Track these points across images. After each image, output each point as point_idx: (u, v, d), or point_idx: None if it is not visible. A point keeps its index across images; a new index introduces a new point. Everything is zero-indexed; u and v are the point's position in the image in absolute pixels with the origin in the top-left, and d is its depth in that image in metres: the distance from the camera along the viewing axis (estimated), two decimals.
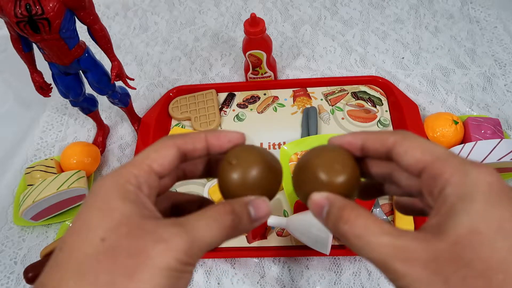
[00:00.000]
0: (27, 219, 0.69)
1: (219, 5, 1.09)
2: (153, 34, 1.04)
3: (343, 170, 0.28)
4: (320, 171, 0.28)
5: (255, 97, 0.87)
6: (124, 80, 0.69)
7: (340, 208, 0.26)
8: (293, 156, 0.75)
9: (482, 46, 0.91)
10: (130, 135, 0.85)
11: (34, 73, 0.67)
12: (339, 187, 0.28)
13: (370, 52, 0.93)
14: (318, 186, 0.28)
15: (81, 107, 0.75)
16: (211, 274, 0.65)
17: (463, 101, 0.82)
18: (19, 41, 0.62)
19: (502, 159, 0.63)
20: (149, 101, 0.90)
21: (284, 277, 0.64)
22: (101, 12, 1.10)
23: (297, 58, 0.94)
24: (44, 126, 0.89)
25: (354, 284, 0.62)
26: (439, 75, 0.87)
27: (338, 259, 0.65)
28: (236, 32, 1.02)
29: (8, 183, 0.79)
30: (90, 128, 0.87)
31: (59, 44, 0.59)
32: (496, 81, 0.84)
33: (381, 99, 0.83)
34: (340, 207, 0.26)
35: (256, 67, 0.83)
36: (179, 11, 1.09)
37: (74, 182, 0.70)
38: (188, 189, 0.75)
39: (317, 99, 0.85)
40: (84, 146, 0.77)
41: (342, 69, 0.91)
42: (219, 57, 0.97)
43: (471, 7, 0.99)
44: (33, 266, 0.63)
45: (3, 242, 0.73)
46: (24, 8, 0.53)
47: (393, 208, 0.68)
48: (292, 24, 1.02)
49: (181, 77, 0.94)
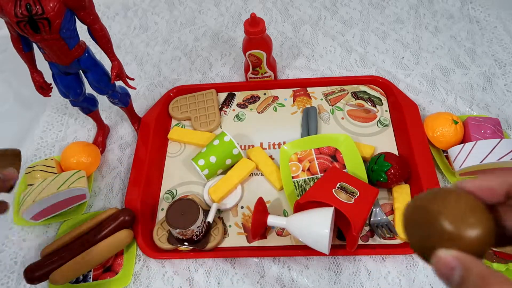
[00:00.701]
0: (27, 219, 0.69)
1: (219, 5, 1.09)
2: (153, 34, 1.04)
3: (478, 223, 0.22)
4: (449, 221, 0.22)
5: (255, 97, 0.87)
6: (124, 80, 0.69)
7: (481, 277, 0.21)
8: (293, 156, 0.75)
9: (482, 46, 0.91)
10: (130, 135, 0.85)
11: (34, 73, 0.67)
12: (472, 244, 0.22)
13: (370, 52, 0.93)
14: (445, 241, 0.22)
15: (81, 107, 0.76)
16: (211, 274, 0.65)
17: (463, 101, 0.82)
18: (20, 41, 0.62)
19: (502, 159, 0.63)
20: (149, 101, 0.90)
21: (284, 277, 0.64)
22: (101, 12, 1.11)
23: (297, 58, 0.94)
24: (44, 126, 0.89)
25: (353, 283, 0.62)
26: (439, 75, 0.87)
27: (338, 259, 0.65)
28: (236, 32, 1.02)
29: None
30: (90, 128, 0.87)
31: (59, 44, 0.59)
32: (496, 81, 0.84)
33: (381, 99, 0.83)
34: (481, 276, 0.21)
35: (256, 67, 0.83)
36: (179, 11, 1.09)
37: (74, 182, 0.70)
38: (188, 189, 0.75)
39: (317, 99, 0.85)
40: (84, 146, 0.77)
41: (342, 69, 0.91)
42: (219, 57, 0.97)
43: (471, 7, 0.99)
44: (33, 265, 0.64)
45: (4, 242, 0.73)
46: (24, 8, 0.53)
47: (393, 208, 0.68)
48: (292, 24, 1.02)
49: (181, 77, 0.94)
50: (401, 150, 0.75)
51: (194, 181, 0.76)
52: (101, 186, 0.78)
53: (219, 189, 0.71)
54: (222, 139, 0.73)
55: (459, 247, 0.22)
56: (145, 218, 0.71)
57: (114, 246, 0.65)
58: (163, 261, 0.67)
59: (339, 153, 0.74)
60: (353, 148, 0.73)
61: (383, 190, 0.70)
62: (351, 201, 0.61)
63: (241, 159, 0.74)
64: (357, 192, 0.63)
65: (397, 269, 0.63)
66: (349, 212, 0.58)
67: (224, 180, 0.72)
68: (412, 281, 0.62)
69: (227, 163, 0.74)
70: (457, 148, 0.68)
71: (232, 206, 0.71)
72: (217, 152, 0.72)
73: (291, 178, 0.73)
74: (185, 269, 0.66)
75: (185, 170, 0.78)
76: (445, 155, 0.73)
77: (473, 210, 0.23)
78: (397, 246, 0.65)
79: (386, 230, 0.66)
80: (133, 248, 0.68)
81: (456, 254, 0.22)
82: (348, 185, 0.64)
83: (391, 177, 0.67)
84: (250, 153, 0.76)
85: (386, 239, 0.65)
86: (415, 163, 0.69)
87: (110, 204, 0.76)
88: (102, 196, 0.77)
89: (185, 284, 0.65)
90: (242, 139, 0.80)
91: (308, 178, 0.72)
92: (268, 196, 0.72)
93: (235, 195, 0.72)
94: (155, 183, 0.76)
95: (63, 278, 0.62)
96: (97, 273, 0.67)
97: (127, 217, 0.67)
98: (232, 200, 0.72)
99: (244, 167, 0.73)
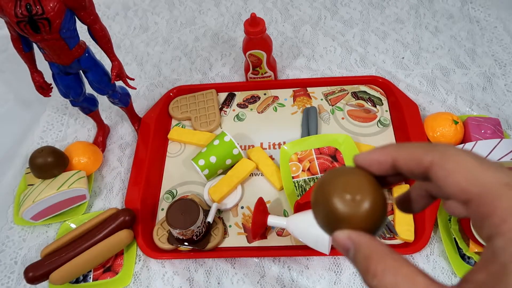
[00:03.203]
0: (27, 219, 0.70)
1: (219, 5, 1.09)
2: (153, 34, 1.04)
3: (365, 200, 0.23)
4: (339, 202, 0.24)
5: (255, 97, 0.87)
6: (124, 80, 0.69)
7: (365, 257, 0.22)
8: (293, 156, 0.75)
9: (482, 46, 0.91)
10: (130, 135, 0.85)
11: (35, 73, 0.67)
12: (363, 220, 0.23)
13: (370, 52, 0.93)
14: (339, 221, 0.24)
15: (81, 107, 0.76)
16: (211, 274, 0.65)
17: (463, 101, 0.82)
18: (20, 41, 0.62)
19: (502, 159, 0.63)
20: (149, 101, 0.90)
21: (284, 277, 0.64)
22: (101, 12, 1.10)
23: (297, 58, 0.94)
24: (44, 126, 0.89)
25: (354, 284, 0.62)
26: (439, 75, 0.87)
27: (338, 259, 0.65)
28: (236, 32, 1.02)
29: (8, 183, 0.79)
30: (90, 128, 0.87)
31: (59, 44, 0.59)
32: (496, 81, 0.84)
33: (381, 99, 0.83)
34: (366, 256, 0.22)
35: (256, 67, 0.83)
36: (179, 11, 1.09)
37: (74, 182, 0.70)
38: (188, 189, 0.75)
39: (317, 99, 0.85)
40: (85, 145, 0.77)
41: (342, 69, 0.91)
42: (219, 57, 0.97)
43: (471, 7, 0.99)
44: (33, 265, 0.64)
45: (4, 242, 0.73)
46: (24, 8, 0.53)
47: (393, 208, 0.68)
48: (292, 24, 1.02)
49: (181, 77, 0.94)
50: None
51: (194, 181, 0.76)
52: (101, 186, 0.78)
53: (219, 189, 0.71)
54: (222, 139, 0.73)
55: (351, 225, 0.23)
56: (145, 218, 0.71)
57: (114, 246, 0.65)
58: (163, 261, 0.67)
59: (339, 153, 0.74)
60: (353, 148, 0.73)
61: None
62: None
63: (241, 159, 0.74)
64: None
65: None
66: None
67: (224, 180, 0.72)
68: None
69: (227, 163, 0.74)
70: None
71: (232, 206, 0.71)
72: (217, 152, 0.72)
73: (291, 178, 0.73)
74: (185, 269, 0.66)
75: (185, 170, 0.78)
76: None
77: (360, 187, 0.24)
78: (397, 246, 0.65)
79: (386, 230, 0.66)
80: (133, 248, 0.68)
81: (348, 234, 0.23)
82: None
83: None
84: (250, 153, 0.76)
85: (386, 239, 0.65)
86: None
87: (110, 204, 0.76)
88: (102, 196, 0.77)
89: (185, 284, 0.65)
90: (242, 139, 0.80)
91: (308, 178, 0.72)
92: (268, 196, 0.72)
93: (235, 195, 0.72)
94: (155, 183, 0.76)
95: (63, 278, 0.62)
96: (97, 273, 0.67)
97: (127, 217, 0.67)
98: (232, 200, 0.72)
99: (244, 167, 0.73)
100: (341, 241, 0.24)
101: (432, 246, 0.64)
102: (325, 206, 0.24)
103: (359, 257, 0.23)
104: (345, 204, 0.23)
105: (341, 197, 0.24)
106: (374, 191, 0.24)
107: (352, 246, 0.23)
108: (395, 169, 0.25)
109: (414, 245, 0.63)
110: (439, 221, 0.65)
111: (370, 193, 0.24)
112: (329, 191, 0.24)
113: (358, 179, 0.24)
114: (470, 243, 0.59)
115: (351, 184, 0.24)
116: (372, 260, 0.22)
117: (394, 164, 0.25)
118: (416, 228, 0.65)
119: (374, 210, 0.24)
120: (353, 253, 0.23)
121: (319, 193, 0.25)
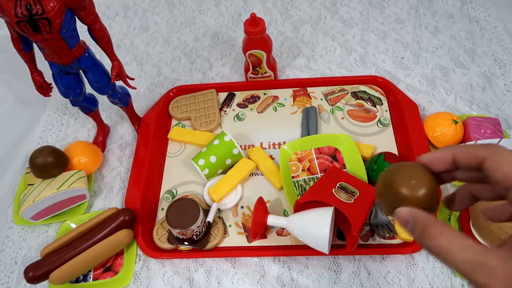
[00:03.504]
0: (27, 218, 0.70)
1: (219, 5, 1.09)
2: (153, 34, 1.04)
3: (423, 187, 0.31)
4: (402, 186, 0.31)
5: (255, 97, 0.87)
6: (124, 80, 0.69)
7: (424, 225, 0.29)
8: (293, 156, 0.75)
9: (482, 46, 0.91)
10: (130, 134, 0.85)
11: (35, 73, 0.67)
12: (420, 201, 0.31)
13: (370, 52, 0.93)
14: (401, 201, 0.31)
15: (81, 107, 0.76)
16: (211, 274, 0.65)
17: (463, 100, 0.82)
18: (20, 41, 0.62)
19: None
20: (149, 101, 0.90)
21: (284, 277, 0.64)
22: (101, 12, 1.11)
23: (297, 58, 0.94)
24: (44, 126, 0.89)
25: (353, 283, 0.63)
26: (439, 75, 0.87)
27: (338, 259, 0.65)
28: (236, 32, 1.02)
29: (8, 183, 0.79)
30: (90, 128, 0.87)
31: (59, 43, 0.59)
32: (495, 81, 0.84)
33: (381, 99, 0.83)
34: (425, 224, 0.29)
35: (256, 67, 0.83)
36: (179, 11, 1.09)
37: (74, 182, 0.70)
38: (188, 188, 0.75)
39: (317, 99, 0.85)
40: (85, 145, 0.77)
41: (342, 69, 0.91)
42: (219, 57, 0.97)
43: (471, 7, 0.99)
44: (33, 265, 0.64)
45: (4, 242, 0.73)
46: (24, 8, 0.53)
47: None
48: (292, 24, 1.02)
49: (181, 77, 0.94)
50: (401, 150, 0.75)
51: (194, 181, 0.76)
52: (101, 186, 0.78)
53: (219, 189, 0.71)
54: (222, 139, 0.73)
55: (411, 205, 0.30)
56: (145, 218, 0.71)
57: (114, 246, 0.65)
58: (163, 261, 0.67)
59: (339, 153, 0.75)
60: (353, 148, 0.73)
61: None
62: (351, 201, 0.61)
63: (241, 159, 0.74)
64: (357, 192, 0.63)
65: (396, 268, 0.63)
66: (349, 212, 0.58)
67: (224, 180, 0.72)
68: (412, 281, 0.62)
69: (227, 163, 0.74)
70: None
71: (232, 206, 0.71)
72: (217, 152, 0.72)
73: (291, 178, 0.73)
74: (185, 269, 0.66)
75: (185, 170, 0.78)
76: None
77: (420, 177, 0.32)
78: (397, 246, 0.65)
79: (386, 230, 0.66)
80: (133, 248, 0.68)
81: (409, 210, 0.30)
82: (348, 185, 0.64)
83: None
84: (250, 153, 0.76)
85: (386, 239, 0.65)
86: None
87: (110, 204, 0.76)
88: (102, 196, 0.77)
89: (185, 284, 0.65)
90: (242, 139, 0.81)
91: (308, 178, 0.72)
92: (268, 196, 0.72)
93: (235, 195, 0.72)
94: (155, 183, 0.76)
95: (63, 277, 0.62)
96: (97, 273, 0.67)
97: (127, 217, 0.67)
98: (232, 200, 0.72)
99: (244, 167, 0.73)
100: (402, 215, 0.31)
101: None
102: (392, 190, 0.32)
103: (417, 226, 0.29)
104: (407, 188, 0.31)
105: (405, 183, 0.31)
106: (430, 181, 0.32)
107: (412, 219, 0.30)
108: (455, 164, 0.32)
109: (414, 245, 0.63)
110: None
111: (427, 182, 0.31)
112: (395, 179, 0.32)
113: (418, 172, 0.32)
114: None
115: (413, 174, 0.32)
116: (429, 227, 0.28)
117: (454, 159, 0.31)
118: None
119: (429, 194, 0.31)
120: (412, 223, 0.30)
121: (386, 180, 0.33)
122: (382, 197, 0.34)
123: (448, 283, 0.61)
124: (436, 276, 0.62)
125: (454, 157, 0.31)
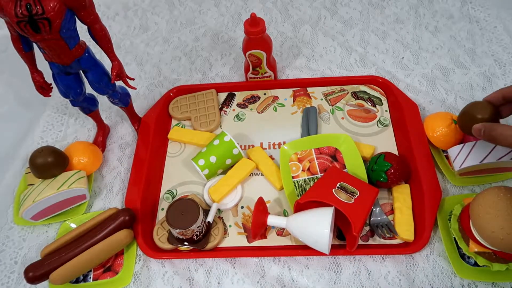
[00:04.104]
0: (27, 218, 0.70)
1: (219, 5, 1.09)
2: (153, 34, 1.04)
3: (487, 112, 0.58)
4: (477, 113, 0.59)
5: (255, 97, 0.87)
6: (124, 80, 0.69)
7: (489, 126, 0.53)
8: (293, 156, 0.75)
9: (482, 46, 0.91)
10: (130, 134, 0.85)
11: (35, 73, 0.67)
12: (486, 120, 0.57)
13: (370, 52, 0.93)
14: (475, 121, 0.58)
15: (81, 107, 0.76)
16: (211, 274, 0.65)
17: (463, 100, 0.82)
18: (20, 41, 0.62)
19: (502, 159, 0.63)
20: (149, 101, 0.90)
21: (284, 277, 0.64)
22: (101, 12, 1.11)
23: (297, 58, 0.94)
24: (44, 126, 0.89)
25: (353, 283, 0.63)
26: (439, 75, 0.87)
27: (338, 259, 0.65)
28: (236, 32, 1.02)
29: (8, 183, 0.79)
30: (90, 128, 0.87)
31: (59, 43, 0.59)
32: (496, 81, 0.84)
33: (381, 99, 0.83)
34: (490, 126, 0.53)
35: (256, 67, 0.83)
36: (179, 11, 1.09)
37: (74, 182, 0.70)
38: (188, 189, 0.75)
39: (317, 99, 0.85)
40: (85, 145, 0.77)
41: (342, 69, 0.91)
42: (219, 57, 0.97)
43: (471, 7, 0.99)
44: (33, 265, 0.64)
45: (4, 242, 0.73)
46: (24, 8, 0.53)
47: (393, 208, 0.68)
48: (292, 24, 1.02)
49: (181, 77, 0.94)
50: (401, 150, 0.75)
51: (194, 181, 0.76)
52: (101, 186, 0.78)
53: (219, 189, 0.71)
54: (222, 139, 0.73)
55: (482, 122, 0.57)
56: (145, 218, 0.71)
57: (114, 246, 0.65)
58: (163, 261, 0.67)
59: (339, 153, 0.75)
60: (353, 148, 0.73)
61: (383, 190, 0.70)
62: (351, 201, 0.61)
63: (241, 159, 0.74)
64: (357, 192, 0.63)
65: (397, 269, 0.63)
66: (349, 212, 0.58)
67: (224, 180, 0.72)
68: (412, 281, 0.62)
69: (227, 163, 0.74)
70: (457, 148, 0.68)
71: (232, 206, 0.71)
72: (217, 152, 0.73)
73: (291, 178, 0.73)
74: (185, 269, 0.66)
75: (185, 170, 0.78)
76: (445, 155, 0.73)
77: (485, 108, 0.59)
78: (397, 246, 0.65)
79: (386, 230, 0.66)
80: (133, 248, 0.68)
81: (482, 123, 0.55)
82: (348, 185, 0.64)
83: (391, 177, 0.67)
84: (250, 153, 0.76)
85: (386, 239, 0.65)
86: (415, 163, 0.69)
87: (110, 204, 0.76)
88: (102, 196, 0.77)
89: (185, 284, 0.65)
90: (242, 139, 0.81)
91: (308, 178, 0.72)
92: (268, 196, 0.72)
93: (235, 195, 0.72)
94: (155, 183, 0.76)
95: (63, 278, 0.62)
96: (97, 273, 0.67)
97: (127, 217, 0.67)
98: (232, 200, 0.72)
99: (244, 167, 0.73)
100: (477, 126, 0.55)
101: (432, 246, 0.64)
102: (470, 115, 0.60)
103: (487, 129, 0.53)
104: (480, 114, 0.59)
105: (478, 111, 0.59)
106: (491, 109, 0.58)
107: (482, 127, 0.54)
108: (504, 99, 0.57)
109: (414, 245, 0.63)
110: (439, 221, 0.65)
111: (489, 110, 0.58)
112: (472, 110, 0.60)
113: (485, 106, 0.59)
114: (470, 242, 0.59)
115: (481, 107, 0.59)
116: (495, 126, 0.52)
117: (503, 96, 0.57)
118: (416, 228, 0.65)
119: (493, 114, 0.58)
120: (484, 130, 0.54)
121: (466, 111, 0.61)
122: (464, 122, 0.62)
123: (448, 283, 0.61)
124: (436, 276, 0.62)
125: (503, 94, 0.57)
